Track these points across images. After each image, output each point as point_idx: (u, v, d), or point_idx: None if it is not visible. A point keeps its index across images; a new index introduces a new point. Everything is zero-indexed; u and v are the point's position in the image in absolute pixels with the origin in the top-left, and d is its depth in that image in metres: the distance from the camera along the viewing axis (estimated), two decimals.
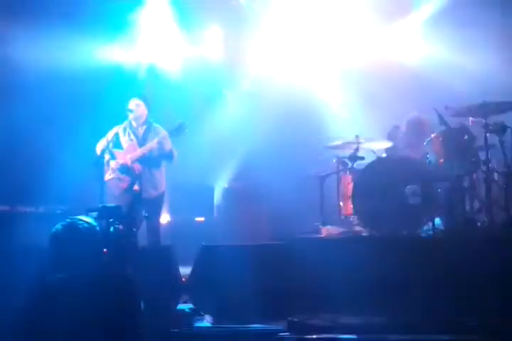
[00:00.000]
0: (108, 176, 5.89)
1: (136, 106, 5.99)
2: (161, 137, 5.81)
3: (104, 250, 3.34)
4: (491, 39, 7.16)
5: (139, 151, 5.86)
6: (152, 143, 5.83)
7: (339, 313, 4.35)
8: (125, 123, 6.03)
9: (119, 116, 6.07)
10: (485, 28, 7.11)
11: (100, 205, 4.39)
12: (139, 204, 5.46)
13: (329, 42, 8.10)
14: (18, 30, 7.32)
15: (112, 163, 5.91)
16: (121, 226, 3.49)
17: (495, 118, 5.45)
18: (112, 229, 3.33)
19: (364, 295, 4.33)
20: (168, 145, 5.95)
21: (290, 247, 4.93)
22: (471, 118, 5.70)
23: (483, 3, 7.14)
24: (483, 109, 5.39)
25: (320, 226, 5.67)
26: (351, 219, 5.92)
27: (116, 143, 5.97)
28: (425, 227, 5.39)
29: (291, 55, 8.34)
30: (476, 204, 5.46)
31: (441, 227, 5.44)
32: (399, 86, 7.50)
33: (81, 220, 3.40)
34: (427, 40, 7.76)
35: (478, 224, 5.30)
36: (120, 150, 5.97)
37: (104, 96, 7.38)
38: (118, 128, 5.98)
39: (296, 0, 8.04)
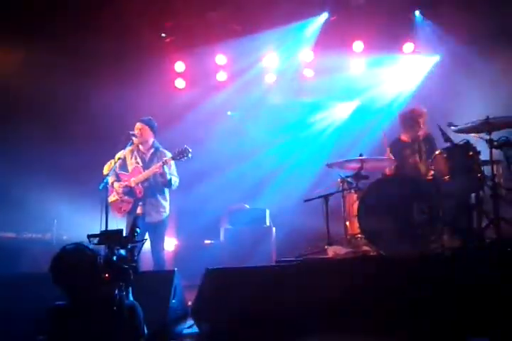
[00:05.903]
0: (112, 198, 5.91)
1: (139, 130, 6.01)
2: (164, 161, 5.81)
3: (106, 275, 3.30)
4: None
5: (143, 175, 5.88)
6: (155, 167, 5.83)
7: (347, 334, 4.26)
8: (133, 147, 6.05)
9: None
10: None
11: (101, 230, 4.36)
12: (141, 228, 5.42)
13: None
14: None
15: (116, 185, 5.94)
16: (122, 251, 3.46)
17: (499, 134, 5.41)
18: (112, 254, 3.30)
19: (371, 315, 4.25)
20: (171, 169, 5.94)
21: (296, 269, 4.86)
22: (474, 134, 5.65)
23: None
24: (487, 125, 5.34)
25: (326, 247, 5.60)
26: (358, 238, 5.86)
27: (123, 166, 6.03)
28: (433, 245, 5.30)
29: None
30: (484, 221, 5.37)
31: (450, 245, 5.35)
32: None
33: (82, 246, 3.40)
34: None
35: (487, 241, 5.21)
36: (125, 173, 6.01)
37: None
38: (126, 151, 6.01)
39: None
